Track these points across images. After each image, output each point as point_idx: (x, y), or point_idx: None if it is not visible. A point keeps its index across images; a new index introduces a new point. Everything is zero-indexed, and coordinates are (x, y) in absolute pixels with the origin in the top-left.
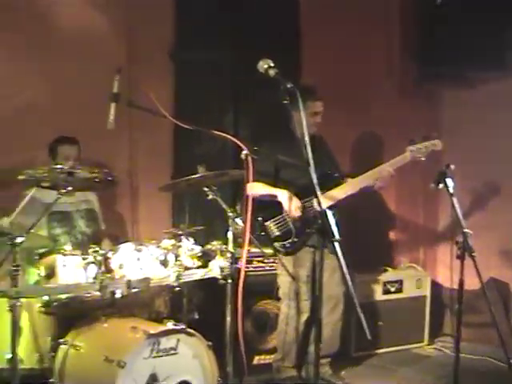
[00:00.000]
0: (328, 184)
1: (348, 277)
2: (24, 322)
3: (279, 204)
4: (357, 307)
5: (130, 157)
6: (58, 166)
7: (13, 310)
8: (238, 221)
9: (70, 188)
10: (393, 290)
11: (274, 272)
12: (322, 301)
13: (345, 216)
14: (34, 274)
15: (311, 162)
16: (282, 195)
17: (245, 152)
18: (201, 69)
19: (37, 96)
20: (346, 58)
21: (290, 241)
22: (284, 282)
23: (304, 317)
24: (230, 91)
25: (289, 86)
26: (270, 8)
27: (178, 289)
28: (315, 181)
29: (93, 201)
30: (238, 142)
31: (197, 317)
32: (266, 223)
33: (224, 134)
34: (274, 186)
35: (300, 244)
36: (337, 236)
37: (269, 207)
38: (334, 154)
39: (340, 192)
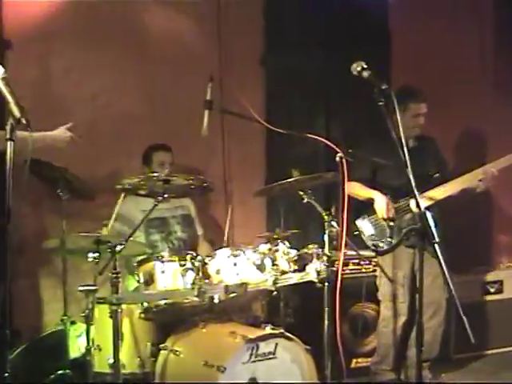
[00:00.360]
0: (427, 185)
1: (450, 282)
2: (125, 327)
3: (372, 204)
4: (460, 311)
5: (223, 163)
6: (155, 174)
7: (114, 316)
8: (334, 223)
9: (166, 195)
10: (493, 290)
11: (369, 274)
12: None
13: (440, 214)
14: (134, 281)
15: (408, 162)
16: (379, 198)
17: (339, 155)
18: (292, 73)
19: (132, 105)
20: (438, 56)
21: (384, 240)
22: (382, 284)
23: (401, 320)
24: (321, 94)
25: (383, 87)
26: (359, 9)
27: (274, 293)
28: (413, 182)
29: (188, 206)
30: (332, 145)
31: (293, 321)
32: (361, 222)
33: (317, 137)
34: (371, 187)
35: (395, 245)
36: (436, 238)
37: (362, 207)
38: (442, 155)
39: (439, 193)
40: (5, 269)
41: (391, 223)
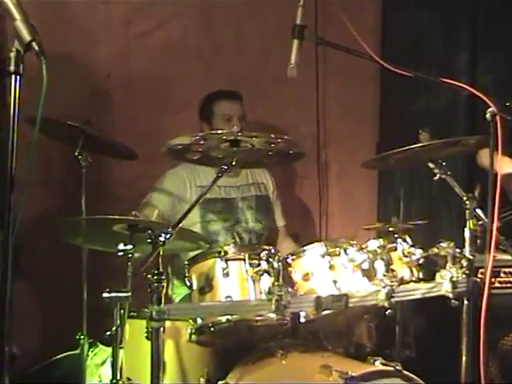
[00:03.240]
0: None
1: None
2: (168, 353)
3: None
4: None
5: (317, 119)
6: (218, 132)
7: (153, 337)
8: (479, 212)
9: (234, 164)
10: None
11: None
12: None
13: None
14: (183, 287)
15: None
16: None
17: (492, 110)
18: None
19: (184, 34)
20: None
21: None
22: None
23: None
24: (463, 20)
25: None
26: None
27: (388, 311)
28: None
29: (266, 183)
30: (480, 95)
31: (414, 354)
32: None
33: (456, 83)
34: None
35: None
36: None
37: None
38: None
39: None
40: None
41: None
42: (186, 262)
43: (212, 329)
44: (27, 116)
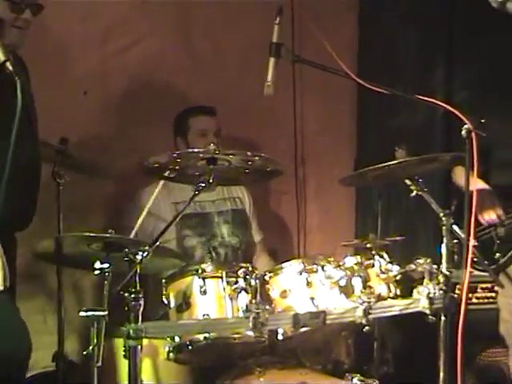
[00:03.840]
0: None
1: None
2: (146, 371)
3: None
4: None
5: (295, 135)
6: (195, 150)
7: (130, 355)
8: (456, 228)
9: (210, 182)
10: None
11: None
12: None
13: None
14: (160, 305)
15: None
16: (479, 190)
17: (467, 126)
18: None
19: (161, 50)
20: None
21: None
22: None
23: None
24: (439, 37)
25: None
26: None
27: (366, 328)
28: None
29: (242, 198)
30: (456, 112)
31: (392, 370)
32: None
33: (431, 100)
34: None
35: (501, 265)
36: None
37: None
38: None
39: None
40: None
41: (498, 231)
42: (163, 280)
43: (190, 347)
44: None
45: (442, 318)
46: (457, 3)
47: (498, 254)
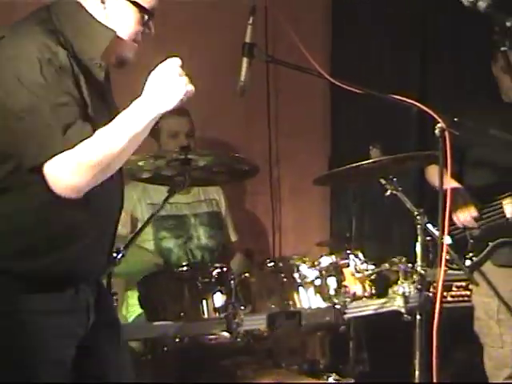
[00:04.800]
0: None
1: None
2: None
3: None
4: None
5: (269, 136)
6: (168, 151)
7: None
8: (430, 227)
9: (185, 182)
10: None
11: None
12: None
13: None
14: (136, 307)
15: None
16: (451, 190)
17: (440, 125)
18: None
19: None
20: None
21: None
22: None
23: (505, 372)
24: (415, 34)
25: (509, 24)
26: None
27: (342, 327)
28: None
29: (218, 200)
30: (429, 111)
31: (368, 369)
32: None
33: (404, 99)
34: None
35: (476, 263)
36: None
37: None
38: None
39: None
40: None
41: (474, 232)
42: (138, 281)
43: (165, 348)
44: None
45: (418, 316)
46: (430, 3)
47: (470, 254)
